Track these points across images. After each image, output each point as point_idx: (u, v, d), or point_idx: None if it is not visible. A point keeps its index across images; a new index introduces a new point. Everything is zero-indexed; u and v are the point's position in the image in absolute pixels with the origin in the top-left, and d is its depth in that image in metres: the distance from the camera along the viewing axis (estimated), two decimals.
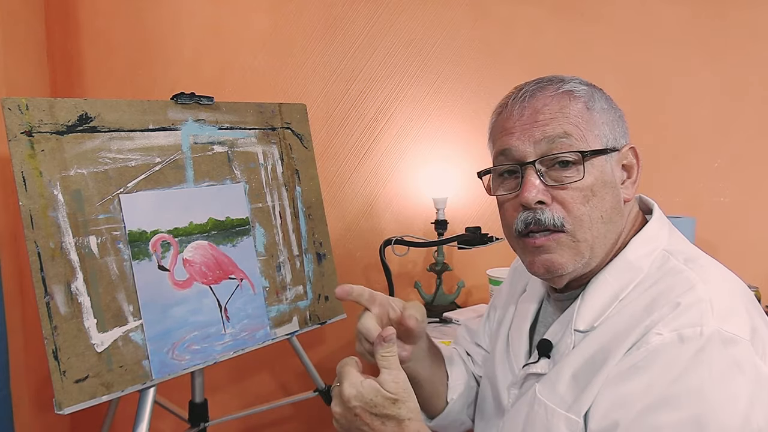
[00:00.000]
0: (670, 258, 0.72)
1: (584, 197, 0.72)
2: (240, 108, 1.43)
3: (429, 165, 1.89)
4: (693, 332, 0.63)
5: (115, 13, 1.91)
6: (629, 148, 0.77)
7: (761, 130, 1.79)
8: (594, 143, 0.73)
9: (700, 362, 0.62)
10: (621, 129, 0.77)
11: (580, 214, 0.72)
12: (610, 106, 0.77)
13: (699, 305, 0.65)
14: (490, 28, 1.86)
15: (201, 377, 1.48)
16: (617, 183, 0.75)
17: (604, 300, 0.73)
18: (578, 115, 0.73)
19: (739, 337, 0.63)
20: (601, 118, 0.75)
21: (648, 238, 0.75)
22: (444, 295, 1.83)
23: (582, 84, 0.77)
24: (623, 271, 0.73)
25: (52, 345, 1.05)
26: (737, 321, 0.64)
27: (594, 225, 0.72)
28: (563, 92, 0.74)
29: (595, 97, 0.76)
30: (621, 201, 0.75)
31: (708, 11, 1.78)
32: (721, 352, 0.62)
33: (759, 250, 1.80)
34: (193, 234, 1.28)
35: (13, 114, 1.07)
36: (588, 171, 0.72)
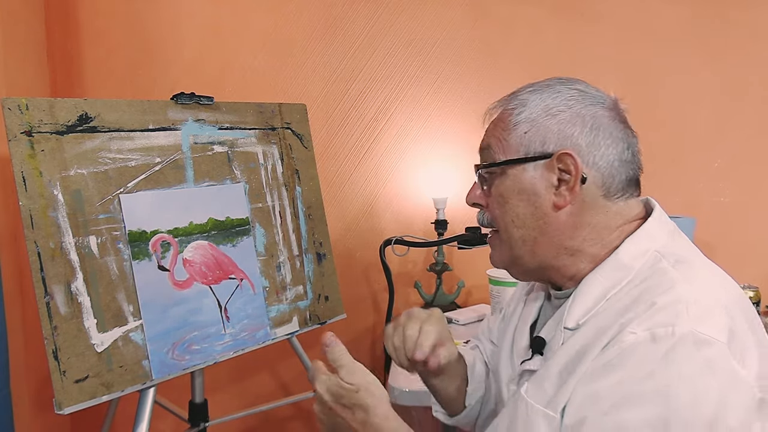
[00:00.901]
0: (662, 259, 0.72)
1: (498, 203, 0.80)
2: (240, 108, 1.43)
3: (429, 165, 1.89)
4: (665, 332, 0.63)
5: (115, 13, 1.91)
6: (562, 153, 0.75)
7: (761, 130, 1.79)
8: (511, 153, 0.78)
9: (670, 362, 0.62)
10: (561, 134, 0.76)
11: (496, 217, 0.81)
12: (552, 111, 0.77)
13: (675, 305, 0.65)
14: (490, 28, 1.86)
15: (201, 377, 1.48)
16: (542, 190, 0.77)
17: (593, 298, 0.74)
18: (501, 128, 0.80)
19: (713, 339, 0.62)
20: (525, 127, 0.77)
21: (642, 238, 0.76)
22: (444, 295, 1.83)
23: (529, 92, 0.80)
24: (614, 271, 0.74)
25: (52, 345, 1.05)
26: (714, 323, 0.64)
27: (507, 228, 0.80)
28: (501, 107, 0.82)
29: (531, 105, 0.78)
30: (547, 207, 0.77)
31: (708, 11, 1.78)
32: (693, 352, 0.62)
33: (759, 250, 1.81)
34: (193, 234, 1.28)
35: (13, 114, 1.07)
36: (497, 181, 0.80)
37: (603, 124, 0.77)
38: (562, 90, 0.78)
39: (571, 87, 0.79)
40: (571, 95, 0.78)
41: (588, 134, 0.76)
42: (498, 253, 0.83)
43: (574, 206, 0.76)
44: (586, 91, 0.79)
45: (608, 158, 0.76)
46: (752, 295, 1.52)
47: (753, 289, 1.53)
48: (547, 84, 0.80)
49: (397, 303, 1.88)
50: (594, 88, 0.81)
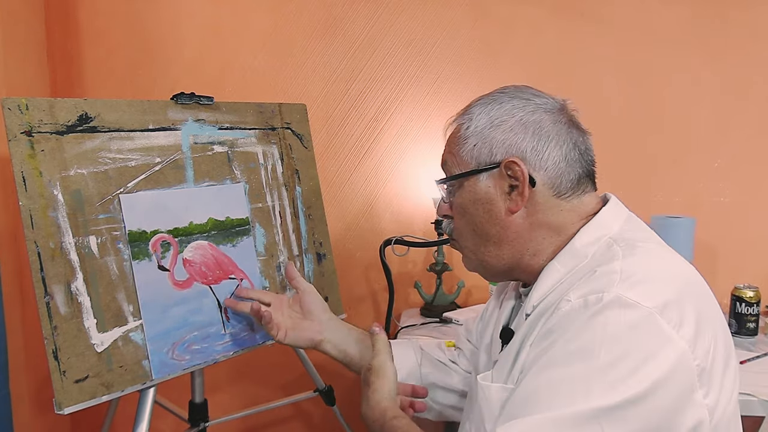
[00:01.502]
0: (614, 244, 0.76)
1: (459, 213, 0.86)
2: (240, 108, 1.43)
3: (429, 165, 1.89)
4: (596, 298, 0.68)
5: (115, 13, 1.91)
6: (508, 161, 0.80)
7: (761, 130, 1.79)
8: (462, 166, 0.84)
9: (595, 323, 0.66)
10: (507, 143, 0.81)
11: (459, 227, 0.87)
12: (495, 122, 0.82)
13: (609, 275, 0.70)
14: (490, 28, 1.86)
15: (201, 377, 1.48)
16: (496, 197, 0.82)
17: (549, 284, 0.78)
18: (453, 143, 0.86)
19: (639, 304, 0.66)
20: (473, 140, 0.83)
21: (596, 227, 0.80)
22: (444, 295, 1.83)
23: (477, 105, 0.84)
24: (569, 258, 0.79)
25: (52, 345, 1.04)
26: (646, 291, 0.67)
27: (468, 237, 0.86)
28: (454, 123, 0.88)
29: (476, 119, 0.83)
30: (502, 212, 0.82)
31: (708, 11, 1.78)
32: (617, 315, 0.66)
33: (759, 250, 1.81)
34: (193, 234, 1.28)
35: (13, 114, 1.06)
36: (454, 193, 0.86)
37: (545, 128, 0.81)
38: (505, 100, 0.83)
39: (515, 96, 0.83)
40: (514, 104, 0.82)
41: (531, 140, 0.80)
42: (466, 259, 0.90)
43: (528, 209, 0.81)
44: (530, 98, 0.83)
45: (554, 159, 0.80)
46: (752, 295, 1.52)
47: (753, 289, 1.53)
48: (492, 96, 0.85)
49: (397, 303, 1.88)
50: (541, 95, 0.84)
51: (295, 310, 1.17)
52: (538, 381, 0.68)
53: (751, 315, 1.52)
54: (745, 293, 1.52)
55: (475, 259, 0.87)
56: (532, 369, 0.70)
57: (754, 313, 1.52)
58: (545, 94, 0.85)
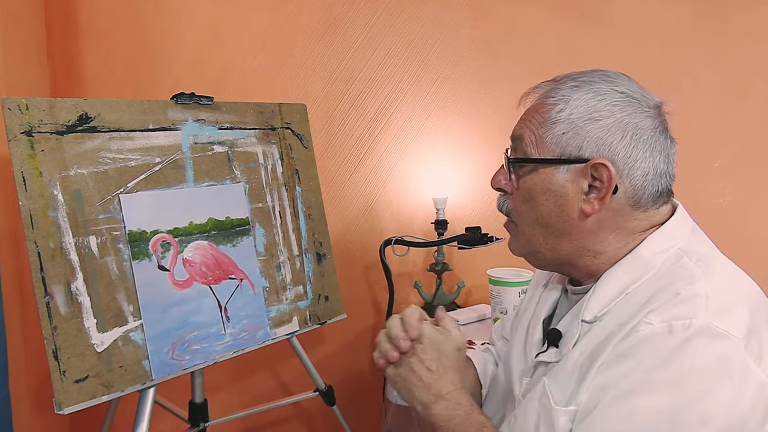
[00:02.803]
0: (684, 257, 0.72)
1: (523, 197, 0.79)
2: (240, 108, 1.43)
3: (429, 165, 1.89)
4: (682, 324, 0.63)
5: (115, 13, 1.91)
6: (598, 163, 0.73)
7: (761, 130, 1.79)
8: (545, 151, 0.76)
9: (684, 352, 0.62)
10: (600, 141, 0.73)
11: (518, 210, 0.80)
12: (594, 116, 0.74)
13: (694, 299, 0.65)
14: (490, 28, 1.86)
15: (201, 377, 1.48)
16: (570, 194, 0.75)
17: (612, 293, 0.74)
18: (538, 121, 0.77)
19: (729, 334, 0.62)
20: (564, 127, 0.74)
21: (665, 235, 0.76)
22: (444, 295, 1.83)
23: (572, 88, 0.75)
24: (635, 267, 0.74)
25: (52, 345, 1.04)
26: (732, 319, 0.64)
27: (529, 224, 0.79)
28: (542, 95, 0.79)
29: (573, 104, 0.74)
30: (574, 211, 0.75)
31: (708, 11, 1.78)
32: (708, 345, 0.62)
33: (759, 250, 1.81)
34: (193, 234, 1.28)
35: (13, 114, 1.07)
36: (526, 175, 0.78)
37: (644, 135, 0.74)
38: (607, 92, 0.74)
39: (617, 89, 0.75)
40: (616, 99, 0.74)
41: (627, 145, 0.73)
42: (516, 243, 0.83)
43: (600, 214, 0.75)
44: (632, 95, 0.75)
45: (643, 170, 0.75)
46: None
47: None
48: (591, 82, 0.75)
49: (397, 303, 1.88)
50: (639, 89, 0.77)
51: None
52: (617, 411, 0.64)
53: None
54: None
55: (527, 246, 0.81)
56: (608, 395, 0.65)
57: None
58: (644, 90, 0.78)
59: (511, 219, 0.82)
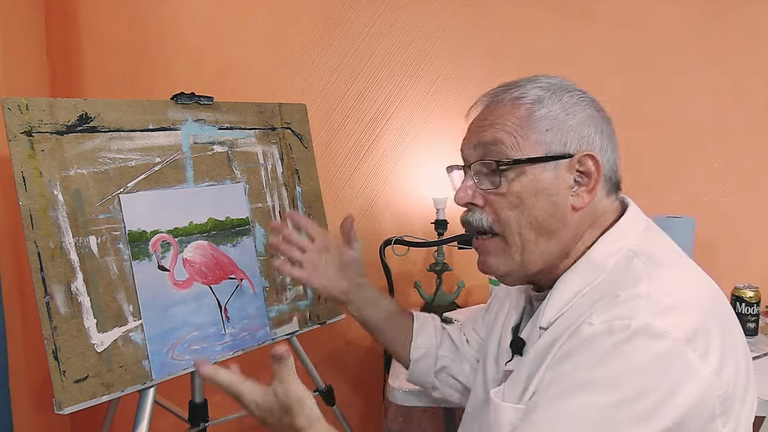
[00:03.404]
0: (634, 258, 0.72)
1: (510, 203, 0.76)
2: (240, 108, 1.43)
3: (429, 165, 1.89)
4: (621, 324, 0.64)
5: (115, 13, 1.91)
6: (585, 155, 0.75)
7: (761, 130, 1.79)
8: (530, 151, 0.75)
9: (621, 352, 0.63)
10: (580, 135, 0.75)
11: (507, 219, 0.76)
12: (570, 111, 0.76)
13: (636, 300, 0.66)
14: (490, 28, 1.86)
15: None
16: (560, 190, 0.75)
17: (566, 297, 0.74)
18: (516, 123, 0.75)
19: (668, 334, 0.63)
20: (547, 124, 0.75)
21: (615, 237, 0.76)
22: (444, 295, 1.83)
23: (539, 89, 0.77)
24: (587, 270, 0.75)
25: (52, 345, 1.04)
26: (674, 319, 0.64)
27: (523, 231, 0.76)
28: (509, 99, 0.77)
29: (548, 103, 0.75)
30: (564, 208, 0.75)
31: (708, 11, 1.78)
32: (646, 345, 0.63)
33: (759, 250, 1.81)
34: (193, 234, 1.28)
35: (13, 114, 1.06)
36: (512, 179, 0.75)
37: (606, 126, 0.78)
38: (570, 89, 0.77)
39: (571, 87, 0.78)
40: (578, 97, 0.77)
41: (600, 136, 0.76)
42: (501, 260, 0.78)
43: (587, 207, 0.76)
44: (585, 92, 0.79)
45: (611, 160, 0.77)
46: (752, 295, 1.52)
47: (753, 289, 1.53)
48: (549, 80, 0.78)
49: (398, 303, 1.88)
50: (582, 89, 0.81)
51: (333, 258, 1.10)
52: (557, 408, 0.64)
53: (751, 315, 1.52)
54: (745, 293, 1.52)
55: (518, 258, 0.77)
56: (548, 392, 0.66)
57: (754, 313, 1.52)
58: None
59: (490, 234, 0.78)
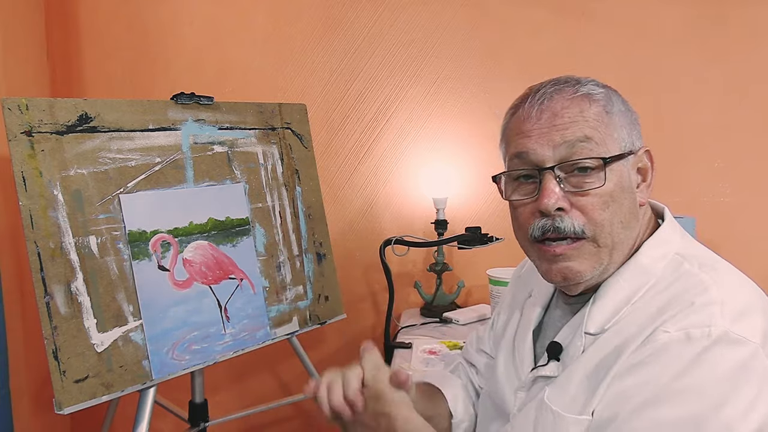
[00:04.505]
0: (684, 262, 0.72)
1: (604, 203, 0.71)
2: (240, 108, 1.43)
3: (429, 165, 1.89)
4: (701, 332, 0.63)
5: (115, 13, 1.91)
6: (644, 150, 0.76)
7: (761, 130, 1.79)
8: (613, 148, 0.72)
9: (704, 361, 0.62)
10: (636, 132, 0.76)
11: (601, 220, 0.71)
12: (626, 108, 0.77)
13: (710, 307, 0.65)
14: (490, 28, 1.86)
15: (201, 377, 1.48)
16: (633, 187, 0.75)
17: (615, 303, 0.72)
18: (597, 119, 0.72)
19: (747, 340, 0.62)
20: (620, 121, 0.74)
21: (661, 241, 0.75)
22: (444, 295, 1.83)
23: (599, 86, 0.76)
24: (636, 275, 0.73)
25: (52, 345, 1.04)
26: (748, 324, 0.64)
27: (615, 231, 0.72)
28: (582, 95, 0.73)
29: (613, 100, 0.75)
30: (637, 205, 0.75)
31: (708, 11, 1.78)
32: (727, 353, 0.62)
33: (759, 250, 1.80)
34: (193, 234, 1.28)
35: (13, 114, 1.07)
36: (608, 177, 0.71)
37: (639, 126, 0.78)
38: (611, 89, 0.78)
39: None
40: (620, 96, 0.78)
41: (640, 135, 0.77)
42: (588, 263, 0.73)
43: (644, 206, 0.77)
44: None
45: None
46: None
47: None
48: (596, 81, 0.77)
49: (397, 303, 1.88)
50: None
51: None
52: (641, 420, 0.62)
53: None
54: None
55: (606, 260, 0.73)
56: (627, 406, 0.64)
57: None
58: None
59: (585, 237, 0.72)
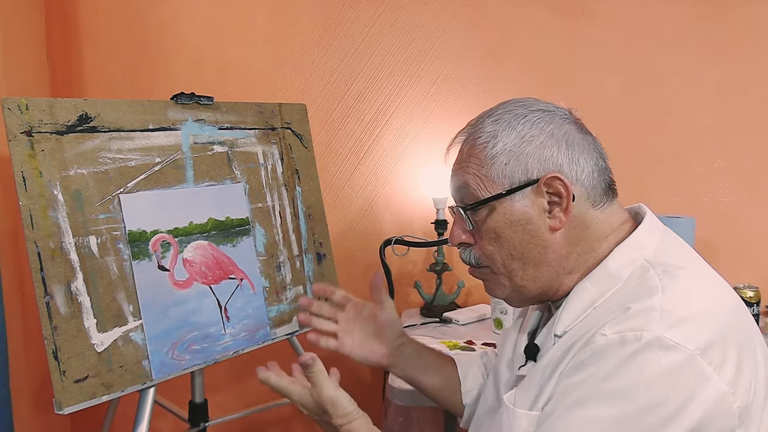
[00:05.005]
0: (650, 269, 0.72)
1: (490, 239, 0.79)
2: (240, 108, 1.43)
3: (429, 165, 1.89)
4: (634, 336, 0.64)
5: (115, 13, 1.91)
6: (549, 177, 0.75)
7: (761, 130, 1.79)
8: (494, 188, 0.77)
9: (633, 364, 0.63)
10: (541, 158, 0.76)
11: (489, 253, 0.80)
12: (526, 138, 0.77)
13: (649, 312, 0.66)
14: (490, 28, 1.86)
15: (201, 377, 1.48)
16: (534, 217, 0.76)
17: (581, 306, 0.75)
18: (477, 164, 0.79)
19: (681, 346, 0.63)
20: (504, 158, 0.77)
21: (632, 247, 0.76)
22: (444, 295, 1.83)
23: (494, 122, 0.78)
24: (602, 280, 0.75)
25: (52, 345, 1.05)
26: (687, 331, 0.64)
27: (503, 262, 0.79)
28: (467, 141, 0.81)
29: (502, 136, 0.77)
30: (545, 232, 0.77)
31: (708, 11, 1.78)
32: (658, 357, 0.63)
33: (759, 250, 1.81)
34: (193, 234, 1.28)
35: (13, 114, 1.06)
36: (485, 216, 0.78)
37: (574, 138, 0.77)
38: (526, 114, 0.78)
39: (532, 108, 0.79)
40: (537, 117, 0.78)
41: (565, 152, 0.76)
42: (497, 286, 0.83)
43: (567, 225, 0.77)
44: (547, 109, 0.79)
45: (587, 170, 0.77)
46: (752, 295, 1.52)
47: (753, 289, 1.53)
48: (506, 110, 0.79)
49: (397, 303, 1.88)
50: (550, 104, 0.80)
51: (367, 325, 1.06)
52: (569, 419, 0.66)
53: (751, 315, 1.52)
54: (745, 293, 1.52)
55: (509, 285, 0.81)
56: (563, 403, 0.67)
57: (754, 313, 1.52)
58: (551, 103, 0.81)
59: (479, 265, 0.83)
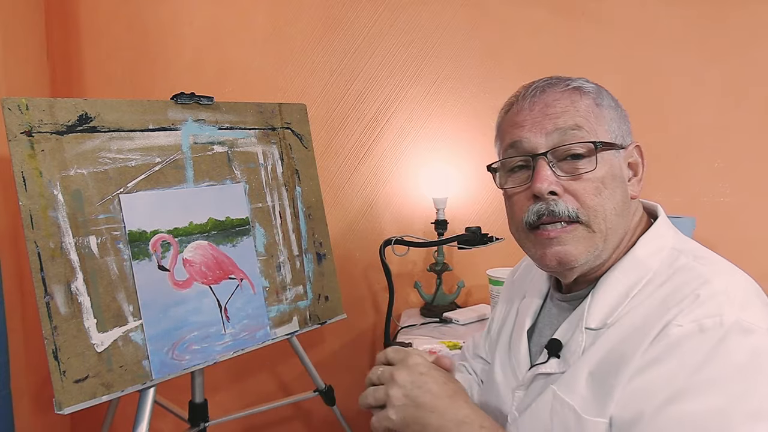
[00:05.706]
0: (680, 256, 0.73)
1: (596, 189, 0.74)
2: (240, 108, 1.43)
3: (429, 165, 1.89)
4: (713, 322, 0.63)
5: (115, 13, 1.91)
6: (635, 146, 0.79)
7: (761, 130, 1.79)
8: (603, 137, 0.75)
9: (720, 351, 0.62)
10: (626, 128, 0.79)
11: (594, 205, 0.73)
12: (616, 105, 0.80)
13: (717, 297, 0.65)
14: (490, 28, 1.86)
15: (201, 377, 1.48)
16: (625, 179, 0.77)
17: (615, 298, 0.73)
18: (588, 110, 0.76)
19: (757, 326, 0.63)
20: (609, 114, 0.77)
21: (656, 236, 0.77)
22: (444, 295, 1.83)
23: (589, 83, 0.79)
24: (633, 269, 0.74)
25: (52, 345, 1.05)
26: (754, 311, 0.65)
27: (608, 216, 0.74)
28: (572, 88, 0.77)
29: (603, 95, 0.78)
30: (628, 197, 0.77)
31: (708, 12, 1.78)
32: (742, 341, 0.63)
33: (759, 250, 1.80)
34: (193, 234, 1.28)
35: (13, 114, 1.07)
36: (599, 163, 0.74)
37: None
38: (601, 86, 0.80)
39: None
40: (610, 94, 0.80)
41: (630, 132, 0.80)
42: (582, 247, 0.74)
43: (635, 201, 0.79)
44: None
45: None
46: None
47: None
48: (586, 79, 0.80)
49: (397, 303, 1.88)
50: None
51: None
52: (667, 417, 0.62)
53: None
54: None
55: (599, 245, 0.74)
56: (650, 404, 0.63)
57: None
58: None
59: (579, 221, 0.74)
